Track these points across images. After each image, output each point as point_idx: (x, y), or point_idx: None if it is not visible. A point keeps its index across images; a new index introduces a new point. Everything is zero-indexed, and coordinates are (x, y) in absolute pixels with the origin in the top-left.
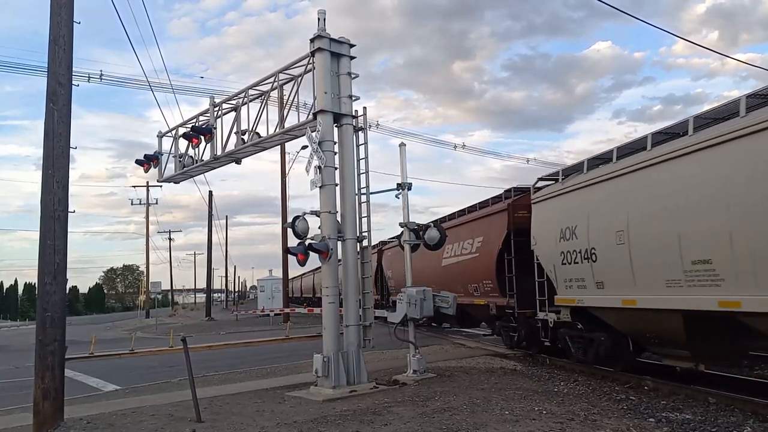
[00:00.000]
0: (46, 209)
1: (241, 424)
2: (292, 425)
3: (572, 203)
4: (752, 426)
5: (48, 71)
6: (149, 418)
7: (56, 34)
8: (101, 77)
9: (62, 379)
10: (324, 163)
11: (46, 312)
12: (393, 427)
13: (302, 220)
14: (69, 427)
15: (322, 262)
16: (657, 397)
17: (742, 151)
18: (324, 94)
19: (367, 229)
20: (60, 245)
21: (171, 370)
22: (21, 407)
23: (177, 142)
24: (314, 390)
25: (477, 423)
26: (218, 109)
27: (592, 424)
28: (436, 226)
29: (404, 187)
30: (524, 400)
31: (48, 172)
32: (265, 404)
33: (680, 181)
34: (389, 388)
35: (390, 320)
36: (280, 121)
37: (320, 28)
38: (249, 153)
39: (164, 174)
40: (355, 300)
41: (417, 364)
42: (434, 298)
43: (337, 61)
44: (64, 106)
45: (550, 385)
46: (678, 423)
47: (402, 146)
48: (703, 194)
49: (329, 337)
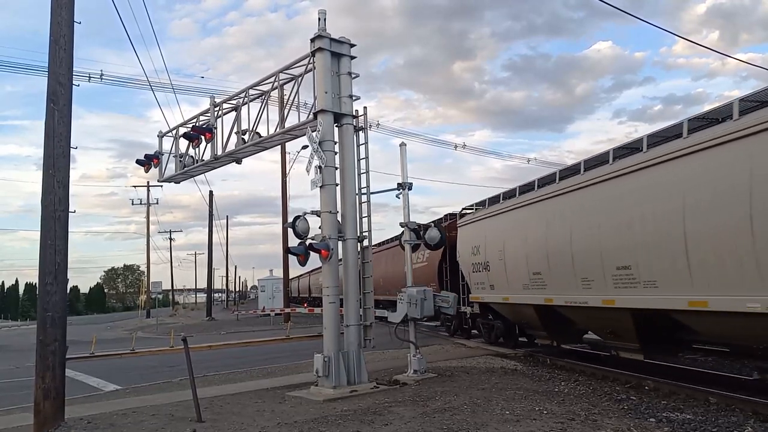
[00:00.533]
0: (47, 209)
1: (242, 424)
2: (293, 425)
3: (477, 229)
4: (753, 426)
5: (48, 71)
6: (150, 417)
7: (57, 34)
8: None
9: (63, 379)
10: (324, 163)
11: (47, 312)
12: (393, 427)
13: (303, 220)
14: (69, 426)
15: (323, 262)
16: (657, 397)
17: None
18: (324, 93)
19: (368, 229)
20: (60, 245)
21: (171, 370)
22: (21, 407)
23: (177, 142)
24: (315, 390)
25: (478, 423)
26: (219, 109)
27: (593, 424)
28: (437, 226)
29: (405, 186)
30: (525, 400)
31: (48, 172)
32: (265, 404)
33: (525, 219)
34: (390, 388)
35: (390, 320)
36: (281, 121)
37: (321, 28)
38: (249, 153)
39: (165, 174)
40: (355, 300)
41: (417, 363)
42: (435, 297)
43: (338, 60)
44: (64, 106)
45: (550, 385)
46: (679, 423)
47: (402, 146)
48: (534, 230)
49: (330, 336)
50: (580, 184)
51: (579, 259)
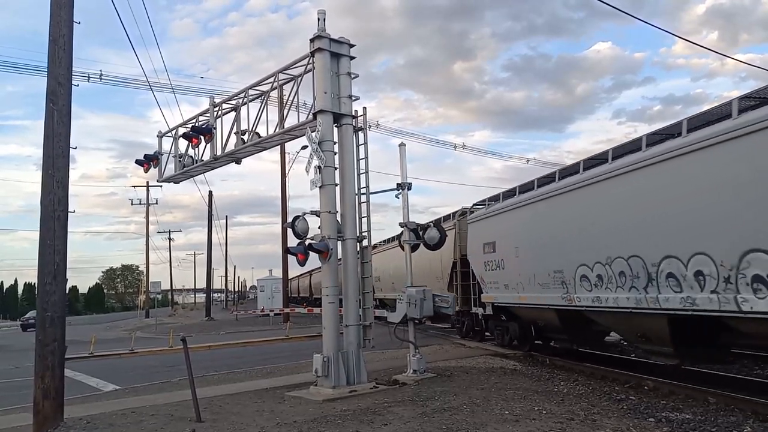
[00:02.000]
0: (46, 209)
1: (241, 424)
2: (292, 425)
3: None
4: (752, 426)
5: (48, 71)
6: (149, 417)
7: (56, 34)
8: (101, 77)
9: (62, 379)
10: (324, 163)
11: (46, 312)
12: (393, 427)
13: (302, 220)
14: (69, 426)
15: (322, 262)
16: (657, 397)
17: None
18: (324, 94)
19: (367, 229)
20: (60, 245)
21: (171, 370)
22: (21, 407)
23: (177, 142)
24: (314, 390)
25: (477, 423)
26: (218, 109)
27: (592, 424)
28: (437, 226)
29: (404, 187)
30: (524, 400)
31: (48, 172)
32: (264, 404)
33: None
34: (389, 388)
35: (390, 320)
36: (280, 121)
37: (320, 28)
38: (249, 153)
39: (164, 174)
40: (355, 300)
41: (417, 363)
42: (434, 298)
43: (337, 61)
44: (64, 106)
45: (549, 385)
46: (678, 423)
47: (402, 146)
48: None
49: (329, 336)
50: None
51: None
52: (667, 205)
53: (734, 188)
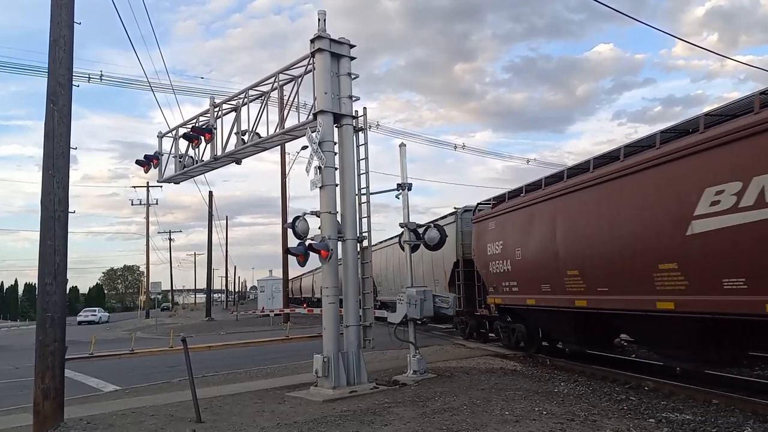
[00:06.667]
0: (47, 210)
1: (241, 424)
2: (293, 425)
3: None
4: (752, 426)
5: (48, 72)
6: (149, 418)
7: (56, 34)
8: (101, 78)
9: (62, 379)
10: (324, 164)
11: (47, 312)
12: (393, 427)
13: (302, 221)
14: (69, 427)
15: (322, 262)
16: (657, 398)
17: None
18: (324, 94)
19: (368, 229)
20: (60, 245)
21: (171, 370)
22: (21, 407)
23: (177, 143)
24: (314, 390)
25: (477, 423)
26: (218, 110)
27: (593, 424)
28: (437, 226)
29: (404, 187)
30: (524, 401)
31: (48, 172)
32: (265, 404)
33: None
34: (389, 389)
35: (390, 320)
36: (281, 121)
37: (320, 29)
38: (249, 153)
39: (164, 174)
40: (355, 300)
41: (417, 364)
42: (434, 298)
43: (338, 61)
44: (64, 106)
45: (550, 386)
46: (678, 423)
47: (402, 146)
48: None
49: (329, 337)
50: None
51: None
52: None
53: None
